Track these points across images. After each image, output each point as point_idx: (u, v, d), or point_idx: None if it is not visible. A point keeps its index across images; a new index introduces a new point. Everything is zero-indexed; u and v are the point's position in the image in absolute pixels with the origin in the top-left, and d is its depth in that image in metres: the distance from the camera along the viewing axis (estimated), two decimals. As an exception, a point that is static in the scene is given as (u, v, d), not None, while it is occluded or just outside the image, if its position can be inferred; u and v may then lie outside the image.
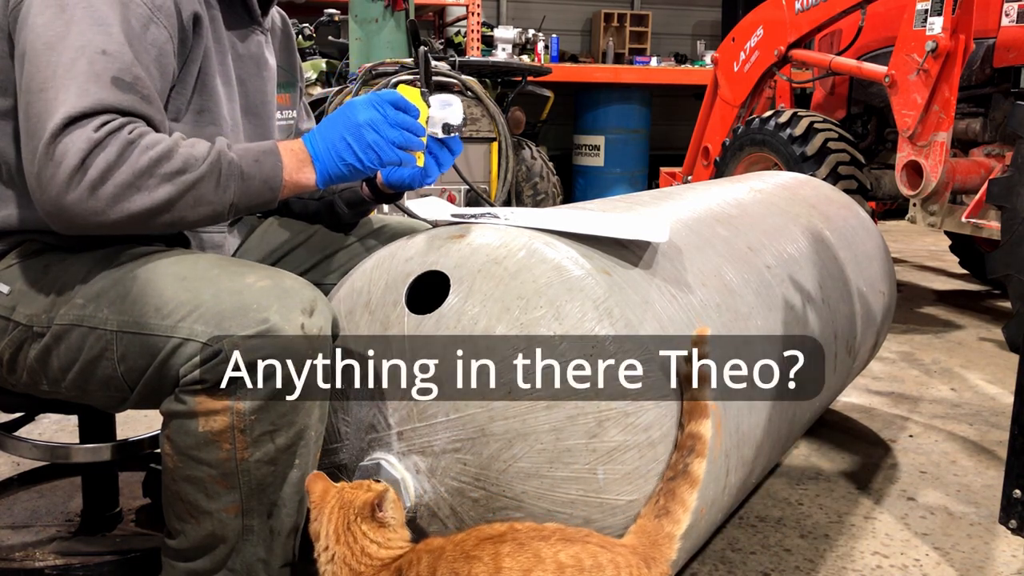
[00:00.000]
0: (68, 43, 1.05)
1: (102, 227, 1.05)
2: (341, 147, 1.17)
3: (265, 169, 1.14)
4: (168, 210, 1.06)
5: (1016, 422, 1.40)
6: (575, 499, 1.10)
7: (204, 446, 1.07)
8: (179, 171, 1.06)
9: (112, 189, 1.02)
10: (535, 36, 6.89)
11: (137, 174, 1.03)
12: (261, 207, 1.16)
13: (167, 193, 1.05)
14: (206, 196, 1.08)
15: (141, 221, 1.05)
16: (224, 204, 1.10)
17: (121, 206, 1.03)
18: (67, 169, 1.00)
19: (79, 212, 1.02)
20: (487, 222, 1.28)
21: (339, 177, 1.19)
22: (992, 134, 3.66)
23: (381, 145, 1.18)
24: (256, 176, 1.13)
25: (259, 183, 1.13)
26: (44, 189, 1.02)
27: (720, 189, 1.87)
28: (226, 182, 1.09)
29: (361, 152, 1.17)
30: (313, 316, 1.09)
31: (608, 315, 1.14)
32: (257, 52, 1.38)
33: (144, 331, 1.09)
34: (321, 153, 1.17)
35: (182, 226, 1.12)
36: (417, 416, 1.19)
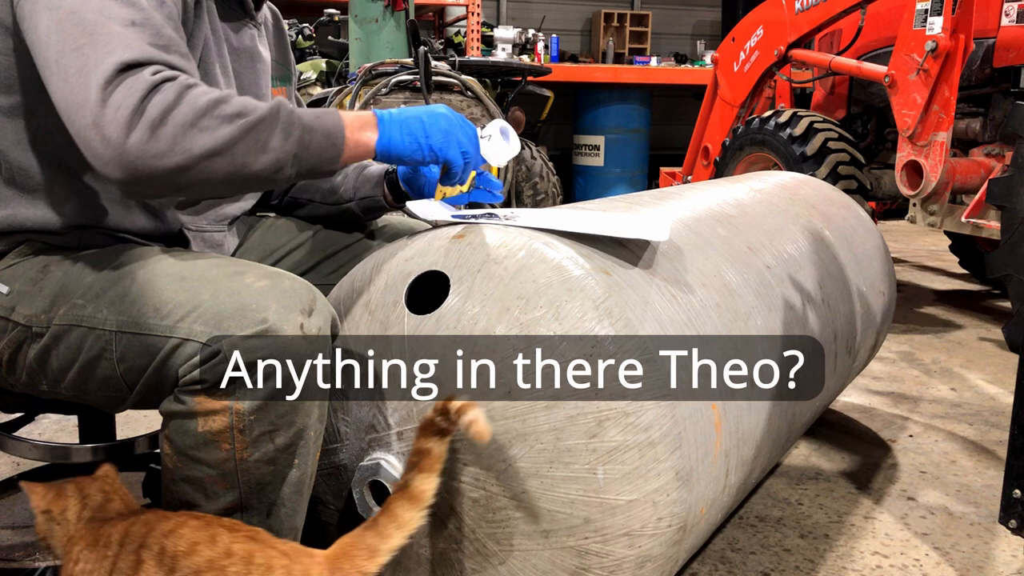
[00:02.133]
0: (91, 6, 1.03)
1: (165, 173, 1.01)
2: (414, 124, 1.18)
3: (327, 123, 1.12)
4: (231, 152, 1.03)
5: (1016, 422, 1.40)
6: (575, 499, 1.10)
7: (203, 446, 1.07)
8: (238, 113, 1.04)
9: (172, 129, 0.99)
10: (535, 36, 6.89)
11: (197, 114, 1.01)
12: (323, 165, 1.13)
13: (228, 133, 1.02)
14: (269, 142, 1.05)
15: (202, 163, 1.02)
16: (287, 154, 1.07)
17: (183, 146, 1.00)
18: (126, 111, 0.98)
19: (140, 155, 0.99)
20: (487, 222, 1.28)
21: (398, 150, 1.18)
22: (992, 134, 3.66)
23: (451, 139, 1.19)
24: (318, 129, 1.10)
25: (321, 137, 1.11)
26: (103, 137, 0.99)
27: (720, 189, 1.87)
28: (287, 129, 1.07)
29: (432, 134, 1.18)
30: (312, 316, 1.09)
31: (608, 315, 1.14)
32: (251, 46, 1.38)
33: (143, 331, 1.09)
34: (388, 122, 1.17)
35: (244, 178, 1.06)
36: (417, 416, 1.19)
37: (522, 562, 1.15)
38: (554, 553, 1.13)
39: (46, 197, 1.19)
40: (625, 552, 1.12)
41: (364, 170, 1.53)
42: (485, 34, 6.87)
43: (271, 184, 1.11)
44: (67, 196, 1.19)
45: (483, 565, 1.18)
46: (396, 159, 1.20)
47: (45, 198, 1.19)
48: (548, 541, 1.13)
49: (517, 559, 1.15)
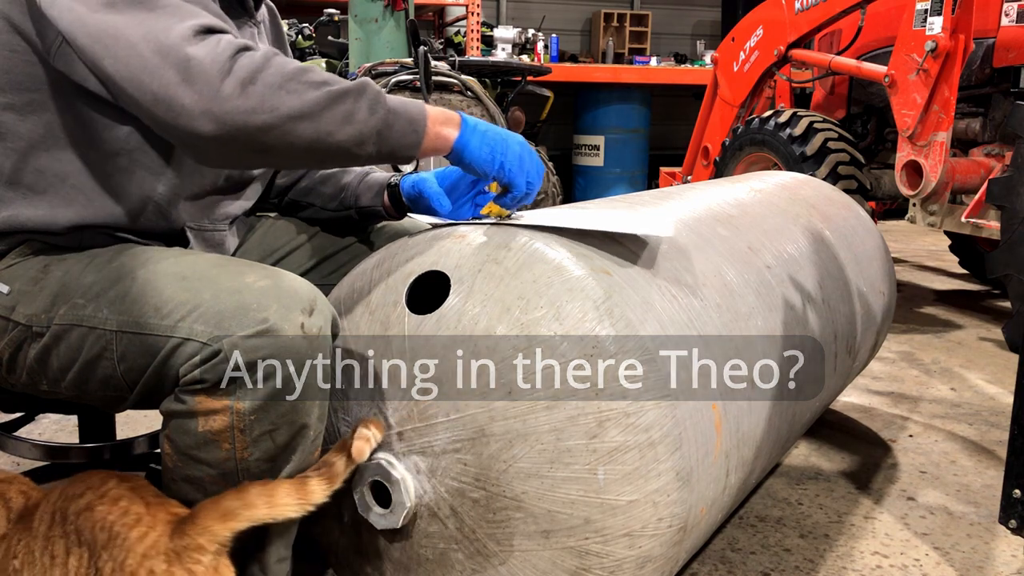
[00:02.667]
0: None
1: (253, 131, 1.01)
2: (494, 138, 1.22)
3: (411, 110, 1.14)
4: (316, 118, 1.04)
5: (1016, 422, 1.40)
6: (575, 499, 1.10)
7: (204, 446, 1.07)
8: (324, 82, 1.05)
9: (261, 88, 1.00)
10: (535, 36, 6.88)
11: (285, 77, 1.02)
12: (404, 150, 1.15)
13: (315, 99, 1.03)
14: (355, 115, 1.07)
15: (290, 126, 1.02)
16: (371, 128, 1.08)
17: (270, 104, 1.01)
18: (217, 65, 0.99)
19: (232, 109, 0.99)
20: (487, 222, 1.28)
21: (472, 155, 1.20)
22: (992, 134, 3.66)
23: (523, 164, 1.24)
24: (402, 113, 1.12)
25: (404, 121, 1.13)
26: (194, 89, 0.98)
27: (720, 189, 1.87)
28: (373, 106, 1.08)
29: (508, 153, 1.22)
30: (313, 316, 1.09)
31: (609, 315, 1.14)
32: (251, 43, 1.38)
33: (144, 331, 1.09)
34: (471, 126, 1.20)
35: (327, 147, 1.07)
36: (417, 416, 1.19)
37: (522, 562, 1.15)
38: (554, 553, 1.13)
39: (48, 198, 1.19)
40: (625, 552, 1.12)
41: (367, 177, 1.53)
42: (485, 34, 6.87)
43: (351, 160, 1.12)
44: (71, 195, 1.19)
45: (483, 565, 1.18)
46: (467, 164, 1.22)
47: (49, 198, 1.19)
48: (548, 541, 1.13)
49: (517, 559, 1.15)
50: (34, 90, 1.16)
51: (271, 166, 1.14)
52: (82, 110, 1.16)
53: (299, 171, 1.57)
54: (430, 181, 1.43)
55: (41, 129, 1.17)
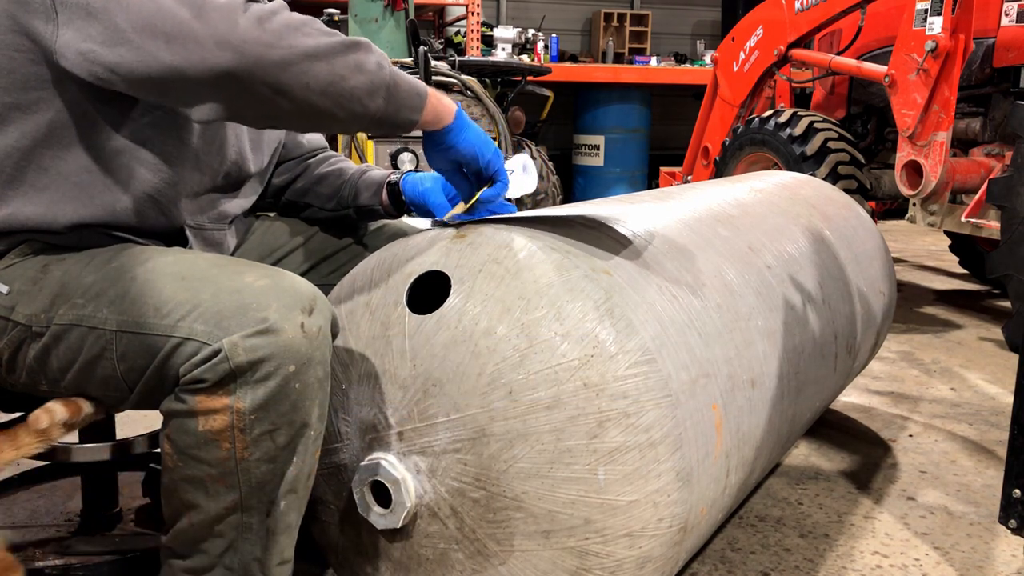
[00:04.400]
0: None
1: (270, 65, 1.02)
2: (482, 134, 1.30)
3: (413, 81, 1.18)
4: (331, 60, 1.07)
5: (1016, 422, 1.40)
6: (575, 499, 1.10)
7: (204, 445, 1.07)
8: (332, 33, 1.09)
9: (277, 26, 1.03)
10: (535, 36, 6.88)
11: (299, 21, 1.06)
12: (408, 113, 1.17)
13: (328, 43, 1.07)
14: (366, 64, 1.10)
15: (306, 64, 1.04)
16: (381, 81, 1.11)
17: (287, 41, 1.03)
18: (233, 5, 1.02)
19: (247, 40, 1.01)
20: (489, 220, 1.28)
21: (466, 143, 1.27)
22: (992, 134, 3.66)
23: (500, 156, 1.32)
24: (405, 79, 1.16)
25: (408, 84, 1.16)
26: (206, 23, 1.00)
27: (720, 189, 1.87)
28: (381, 61, 1.12)
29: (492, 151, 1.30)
30: (313, 315, 1.09)
31: (609, 315, 1.14)
32: None
33: (143, 331, 1.09)
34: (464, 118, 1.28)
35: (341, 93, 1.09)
36: (418, 416, 1.19)
37: (523, 562, 1.15)
38: (555, 553, 1.13)
39: (49, 196, 1.19)
40: (626, 553, 1.12)
41: (364, 175, 1.54)
42: (485, 34, 6.86)
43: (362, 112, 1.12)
44: (72, 194, 1.19)
45: (483, 565, 1.18)
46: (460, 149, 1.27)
47: (48, 197, 1.19)
48: (549, 542, 1.13)
49: (518, 559, 1.15)
50: (38, 89, 1.15)
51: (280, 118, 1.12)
52: (85, 109, 1.16)
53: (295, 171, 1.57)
54: (435, 192, 1.44)
55: (45, 128, 1.17)
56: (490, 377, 1.13)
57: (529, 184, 1.40)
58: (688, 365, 1.21)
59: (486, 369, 1.13)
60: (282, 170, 1.58)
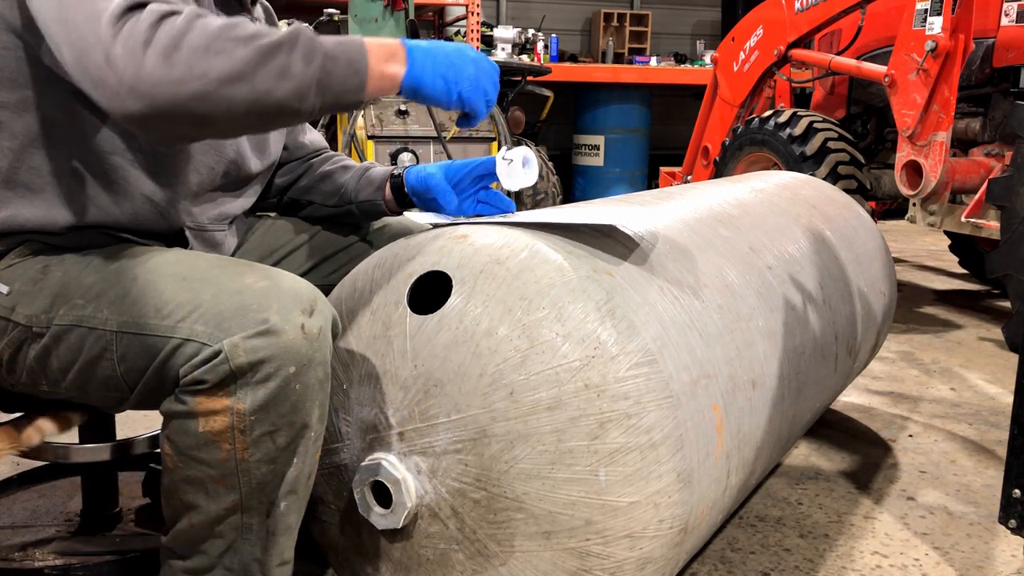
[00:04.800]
0: None
1: (185, 102, 0.97)
2: (444, 65, 1.15)
3: (350, 51, 1.07)
4: (250, 78, 0.98)
5: (1016, 421, 1.40)
6: (576, 500, 1.10)
7: (204, 446, 1.07)
8: (253, 36, 1.00)
9: (187, 54, 0.95)
10: (535, 36, 6.88)
11: (210, 37, 0.97)
12: (348, 95, 1.08)
13: (245, 56, 0.98)
14: (290, 67, 1.01)
15: (224, 90, 0.98)
16: (310, 79, 1.02)
17: (199, 70, 0.96)
18: (137, 40, 0.95)
19: (157, 82, 0.95)
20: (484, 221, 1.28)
21: (426, 90, 1.15)
22: (992, 134, 3.67)
23: (479, 87, 1.18)
24: (340, 57, 1.06)
25: (344, 64, 1.06)
26: (116, 70, 0.95)
27: (721, 189, 1.87)
28: (309, 54, 1.02)
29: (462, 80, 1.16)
30: (313, 316, 1.08)
31: (610, 316, 1.14)
32: None
33: (144, 331, 1.09)
34: (418, 57, 1.14)
35: (268, 108, 1.02)
36: (419, 417, 1.19)
37: (523, 563, 1.15)
38: (555, 554, 1.13)
39: (48, 197, 1.19)
40: (626, 554, 1.12)
41: (367, 172, 1.53)
42: (485, 34, 6.86)
43: (296, 116, 1.06)
44: (70, 195, 1.19)
45: (484, 566, 1.18)
46: (422, 99, 1.16)
47: (47, 198, 1.19)
48: (549, 542, 1.13)
49: (518, 560, 1.15)
50: (26, 87, 1.15)
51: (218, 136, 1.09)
52: (75, 108, 1.16)
53: (298, 170, 1.57)
54: (437, 176, 1.42)
55: (35, 127, 1.17)
56: (491, 378, 1.13)
57: (529, 178, 1.34)
58: (689, 366, 1.21)
59: (487, 370, 1.13)
60: (285, 171, 1.58)
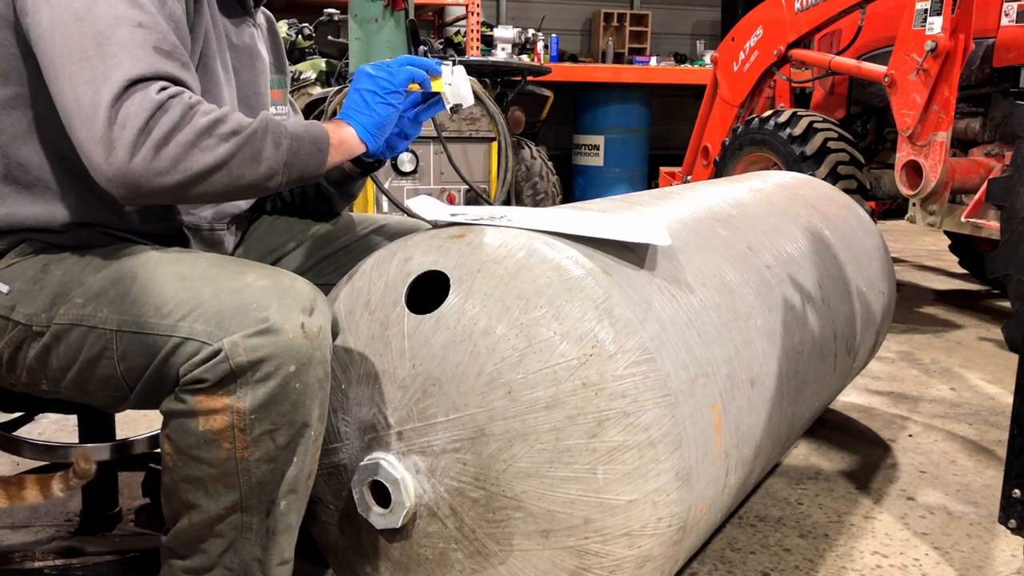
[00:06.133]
0: (99, 13, 1.05)
1: (165, 190, 1.06)
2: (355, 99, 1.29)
3: (312, 131, 1.20)
4: (226, 167, 1.08)
5: (1015, 421, 1.40)
6: (575, 499, 1.10)
7: (204, 445, 1.07)
8: (234, 131, 1.09)
9: (175, 149, 1.04)
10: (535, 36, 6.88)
11: (198, 134, 1.06)
12: (313, 170, 1.20)
13: (225, 151, 1.08)
14: (260, 153, 1.11)
15: (202, 180, 1.07)
16: (278, 162, 1.14)
17: (184, 165, 1.05)
18: (133, 131, 1.02)
19: (143, 174, 1.03)
20: (487, 222, 1.28)
21: (374, 122, 1.28)
22: (991, 134, 3.67)
23: (391, 71, 1.30)
24: (304, 136, 1.18)
25: (308, 143, 1.18)
26: (110, 153, 1.03)
27: (720, 189, 1.87)
28: (277, 139, 1.14)
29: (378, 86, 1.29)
30: (313, 315, 1.09)
31: (608, 315, 1.14)
32: (250, 43, 1.40)
33: (144, 330, 1.09)
34: (350, 111, 1.29)
35: (238, 189, 1.12)
36: (417, 416, 1.19)
37: (522, 562, 1.15)
38: (554, 553, 1.13)
39: (44, 194, 1.19)
40: (625, 552, 1.12)
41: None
42: (485, 34, 6.87)
43: (263, 192, 1.17)
44: (65, 192, 1.19)
45: (483, 565, 1.18)
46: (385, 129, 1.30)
47: (43, 195, 1.19)
48: (548, 541, 1.13)
49: (517, 559, 1.15)
50: (18, 84, 1.16)
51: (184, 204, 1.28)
52: None
53: None
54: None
55: (24, 124, 1.17)
56: (489, 377, 1.13)
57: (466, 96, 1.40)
58: (687, 364, 1.21)
59: (485, 369, 1.13)
60: None
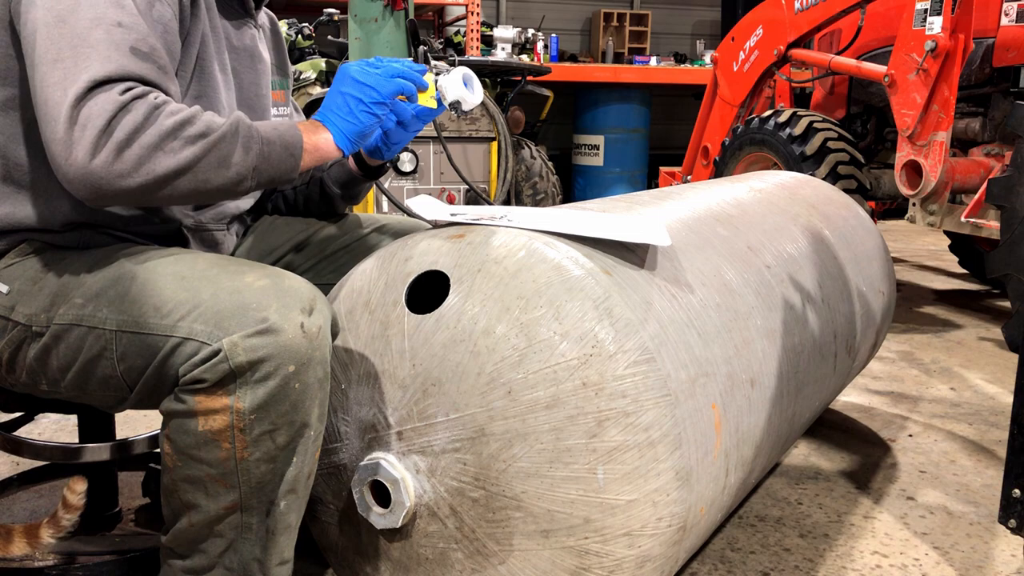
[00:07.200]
0: (81, 15, 1.05)
1: (128, 193, 1.04)
2: (338, 101, 1.23)
3: (285, 135, 1.16)
4: (192, 171, 1.06)
5: (1015, 421, 1.40)
6: (575, 499, 1.10)
7: (204, 445, 1.07)
8: (202, 134, 1.07)
9: (138, 151, 1.02)
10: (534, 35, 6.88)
11: (162, 136, 1.04)
12: (284, 175, 1.17)
13: (191, 154, 1.06)
14: (229, 157, 1.09)
15: (166, 183, 1.05)
16: (247, 167, 1.11)
17: (146, 167, 1.03)
18: (93, 131, 1.01)
19: (105, 176, 1.02)
20: (487, 222, 1.28)
21: (355, 130, 1.22)
22: (991, 134, 3.67)
23: (379, 80, 1.23)
24: (276, 141, 1.15)
25: (279, 148, 1.15)
26: (70, 154, 1.01)
27: (720, 189, 1.87)
28: (247, 143, 1.11)
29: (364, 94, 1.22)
30: (312, 315, 1.09)
31: (608, 315, 1.14)
32: (251, 45, 1.40)
33: (143, 330, 1.09)
34: (330, 114, 1.23)
35: (205, 193, 1.10)
36: (417, 416, 1.19)
37: (522, 562, 1.15)
38: (554, 553, 1.13)
39: (44, 194, 1.19)
40: (625, 552, 1.12)
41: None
42: (485, 34, 6.87)
43: (232, 196, 1.16)
44: (64, 193, 1.19)
45: (483, 565, 1.18)
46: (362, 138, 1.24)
47: (43, 195, 1.19)
48: (548, 541, 1.13)
49: (517, 559, 1.15)
50: (14, 85, 1.16)
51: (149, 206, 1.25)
52: None
53: None
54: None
55: (22, 125, 1.17)
56: (489, 376, 1.13)
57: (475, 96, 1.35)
58: (687, 364, 1.21)
59: (485, 368, 1.13)
60: None
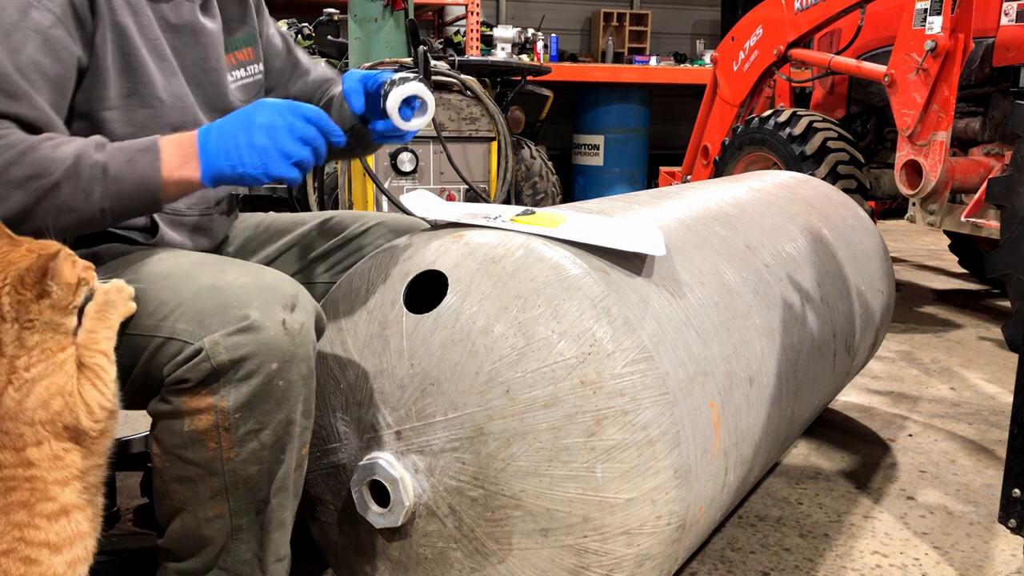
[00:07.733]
0: None
1: None
2: (230, 145, 1.08)
3: (140, 169, 1.06)
4: (32, 215, 1.01)
5: (1015, 421, 1.40)
6: (573, 497, 1.10)
7: (190, 445, 1.07)
8: (30, 177, 1.00)
9: None
10: (534, 35, 6.88)
11: None
12: (142, 210, 1.10)
13: (22, 200, 1.00)
14: (68, 203, 1.02)
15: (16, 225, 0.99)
16: (92, 210, 1.04)
17: None
18: None
19: None
20: (483, 222, 1.28)
21: (223, 178, 1.09)
22: (991, 133, 3.66)
23: (270, 153, 1.07)
24: (127, 177, 1.05)
25: (132, 185, 1.06)
26: None
27: (719, 188, 1.87)
28: (88, 186, 1.03)
29: (247, 155, 1.07)
30: (295, 312, 1.08)
31: (606, 314, 1.14)
32: (190, 19, 1.31)
33: (128, 331, 1.08)
34: (211, 148, 1.08)
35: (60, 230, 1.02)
36: (415, 415, 1.19)
37: (521, 561, 1.15)
38: (553, 552, 1.13)
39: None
40: (624, 550, 1.12)
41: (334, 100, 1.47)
42: (484, 33, 6.87)
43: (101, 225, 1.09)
44: None
45: (482, 564, 1.18)
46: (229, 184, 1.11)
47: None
48: (547, 540, 1.13)
49: (516, 558, 1.15)
50: None
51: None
52: None
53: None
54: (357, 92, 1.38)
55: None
56: (487, 376, 1.13)
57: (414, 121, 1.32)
58: (686, 363, 1.21)
59: (483, 368, 1.13)
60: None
